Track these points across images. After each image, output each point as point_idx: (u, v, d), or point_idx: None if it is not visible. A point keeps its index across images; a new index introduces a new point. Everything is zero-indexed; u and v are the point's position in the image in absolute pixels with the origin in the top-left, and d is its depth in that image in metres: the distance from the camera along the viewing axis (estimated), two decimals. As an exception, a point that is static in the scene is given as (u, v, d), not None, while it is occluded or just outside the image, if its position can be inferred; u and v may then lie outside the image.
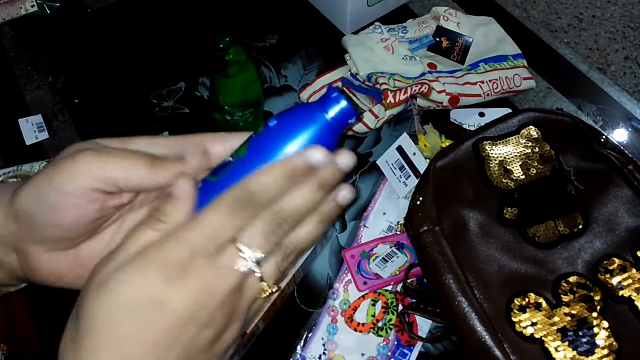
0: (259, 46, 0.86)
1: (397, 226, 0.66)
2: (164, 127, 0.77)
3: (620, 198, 0.57)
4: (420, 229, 0.55)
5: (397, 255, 0.63)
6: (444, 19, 0.79)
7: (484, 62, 0.78)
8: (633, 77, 1.79)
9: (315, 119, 0.34)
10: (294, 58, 0.85)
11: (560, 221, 0.56)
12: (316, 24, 0.89)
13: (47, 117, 0.79)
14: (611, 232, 0.56)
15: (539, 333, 0.50)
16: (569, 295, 0.52)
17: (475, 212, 0.57)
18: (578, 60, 0.84)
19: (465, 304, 0.51)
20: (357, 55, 0.75)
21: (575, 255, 0.55)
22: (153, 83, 0.82)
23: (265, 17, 0.90)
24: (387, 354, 0.58)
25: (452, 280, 0.52)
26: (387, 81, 0.71)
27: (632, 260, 0.54)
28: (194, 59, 0.84)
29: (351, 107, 0.34)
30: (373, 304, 0.61)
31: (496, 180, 0.58)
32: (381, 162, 0.69)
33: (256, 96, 0.73)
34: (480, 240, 0.56)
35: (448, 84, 0.74)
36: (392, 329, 0.59)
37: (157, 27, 0.89)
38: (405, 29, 0.81)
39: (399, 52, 0.77)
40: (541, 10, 1.95)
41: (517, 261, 0.55)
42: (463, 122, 0.75)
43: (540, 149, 0.59)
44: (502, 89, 0.76)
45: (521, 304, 0.52)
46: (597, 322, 0.51)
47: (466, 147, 0.60)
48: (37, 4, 0.90)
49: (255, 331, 0.58)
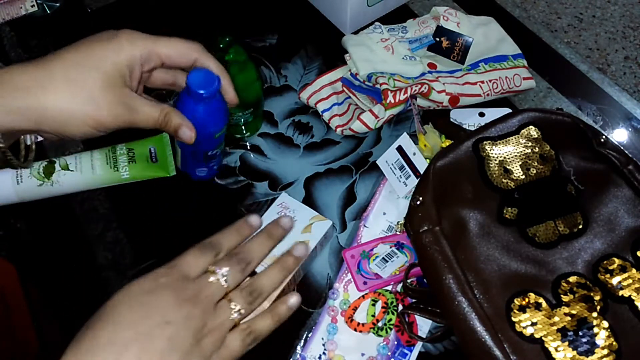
0: (259, 46, 0.86)
1: (397, 226, 0.66)
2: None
3: (620, 198, 0.57)
4: (420, 229, 0.55)
5: (397, 255, 0.63)
6: (444, 19, 0.79)
7: (484, 62, 0.78)
8: (633, 77, 1.79)
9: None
10: (294, 58, 0.85)
11: (560, 221, 0.56)
12: (316, 24, 0.89)
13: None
14: (611, 232, 0.56)
15: (539, 333, 0.50)
16: (569, 295, 0.53)
17: (475, 212, 0.57)
18: (578, 60, 0.84)
19: (465, 304, 0.51)
20: (357, 55, 0.75)
21: (575, 255, 0.55)
22: (153, 83, 0.82)
23: (265, 17, 0.90)
24: (387, 354, 0.58)
25: (452, 280, 0.52)
26: (387, 81, 0.71)
27: (632, 260, 0.54)
28: (194, 59, 0.84)
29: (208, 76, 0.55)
30: (373, 304, 0.61)
31: (496, 180, 0.58)
32: (381, 162, 0.69)
33: (256, 96, 0.73)
34: (480, 240, 0.56)
35: (448, 84, 0.74)
36: (392, 329, 0.59)
37: (157, 27, 0.88)
38: (405, 29, 0.81)
39: (399, 52, 0.77)
40: (541, 10, 1.95)
41: (517, 261, 0.55)
42: (463, 122, 0.75)
43: (540, 149, 0.59)
44: (502, 89, 0.76)
45: (521, 304, 0.52)
46: (597, 322, 0.51)
47: (466, 147, 0.60)
48: (37, 4, 0.90)
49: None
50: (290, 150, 0.75)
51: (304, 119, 0.78)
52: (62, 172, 0.66)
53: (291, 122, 0.78)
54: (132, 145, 0.70)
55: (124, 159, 0.68)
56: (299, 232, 0.63)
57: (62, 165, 0.67)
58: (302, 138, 0.76)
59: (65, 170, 0.67)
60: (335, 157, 0.75)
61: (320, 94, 0.78)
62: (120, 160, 0.68)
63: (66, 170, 0.67)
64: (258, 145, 0.76)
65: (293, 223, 0.50)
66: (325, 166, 0.74)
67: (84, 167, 0.67)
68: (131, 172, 0.68)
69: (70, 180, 0.67)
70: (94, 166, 0.67)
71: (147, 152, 0.70)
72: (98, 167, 0.67)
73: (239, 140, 0.75)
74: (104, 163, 0.68)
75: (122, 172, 0.68)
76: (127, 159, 0.68)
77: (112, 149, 0.69)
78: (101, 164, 0.68)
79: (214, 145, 0.63)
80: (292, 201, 0.65)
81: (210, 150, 0.63)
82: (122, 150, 0.69)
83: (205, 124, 0.57)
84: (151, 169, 0.69)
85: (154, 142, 0.71)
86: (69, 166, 0.67)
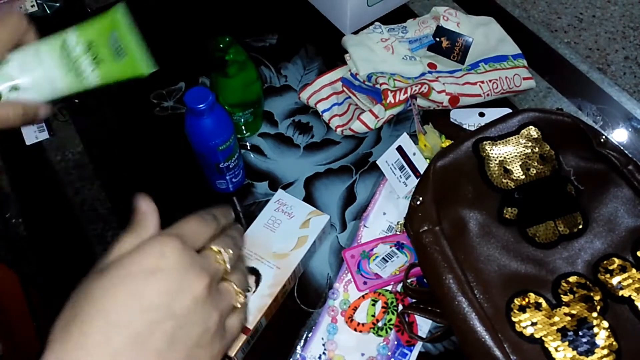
0: (259, 46, 0.86)
1: (397, 226, 0.66)
2: (163, 127, 0.78)
3: (620, 198, 0.57)
4: (420, 229, 0.55)
5: (397, 255, 0.63)
6: (444, 19, 0.79)
7: (484, 62, 0.78)
8: (633, 77, 1.79)
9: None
10: (294, 58, 0.85)
11: (560, 221, 0.56)
12: (316, 24, 0.89)
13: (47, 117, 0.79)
14: (611, 232, 0.56)
15: (539, 333, 0.50)
16: (569, 295, 0.52)
17: (475, 212, 0.57)
18: (578, 60, 0.84)
19: (465, 304, 0.51)
20: (357, 55, 0.75)
21: (575, 255, 0.55)
22: (153, 83, 0.82)
23: (265, 17, 0.90)
24: (387, 354, 0.58)
25: (452, 280, 0.52)
26: (387, 81, 0.71)
27: (632, 260, 0.54)
28: (194, 59, 0.84)
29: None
30: (373, 304, 0.61)
31: (496, 180, 0.58)
32: (381, 162, 0.69)
33: (256, 96, 0.73)
34: (480, 240, 0.56)
35: (448, 84, 0.74)
36: (392, 329, 0.59)
37: (157, 27, 0.89)
38: (405, 29, 0.81)
39: (399, 52, 0.77)
40: (541, 10, 1.95)
41: (517, 261, 0.55)
42: (463, 122, 0.75)
43: (540, 149, 0.59)
44: (502, 89, 0.76)
45: (521, 304, 0.52)
46: (597, 322, 0.51)
47: (466, 147, 0.60)
48: (37, 4, 0.90)
49: (258, 327, 0.58)
50: (290, 150, 0.75)
51: (304, 119, 0.78)
52: (12, 93, 0.49)
53: (291, 122, 0.78)
54: (86, 33, 0.50)
55: (86, 60, 0.50)
56: (297, 228, 0.63)
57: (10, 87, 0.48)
58: (302, 138, 0.76)
59: (16, 91, 0.49)
60: (335, 157, 0.75)
61: (320, 94, 0.78)
62: (82, 63, 0.50)
63: (16, 91, 0.49)
64: (258, 145, 0.76)
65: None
66: (325, 166, 0.74)
67: (38, 81, 0.50)
68: (101, 75, 0.51)
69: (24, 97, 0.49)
70: (50, 78, 0.50)
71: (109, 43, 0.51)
72: (57, 79, 0.50)
73: (239, 140, 0.75)
74: (61, 67, 0.50)
75: (89, 76, 0.50)
76: (90, 58, 0.50)
77: (63, 44, 0.50)
78: (59, 73, 0.50)
79: (222, 158, 0.64)
80: (289, 198, 0.65)
81: (220, 163, 0.65)
82: (77, 43, 0.50)
83: (206, 136, 0.61)
84: (120, 67, 0.52)
85: (109, 25, 0.51)
86: (19, 86, 0.49)
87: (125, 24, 0.51)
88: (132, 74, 0.52)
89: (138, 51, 0.51)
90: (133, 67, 0.52)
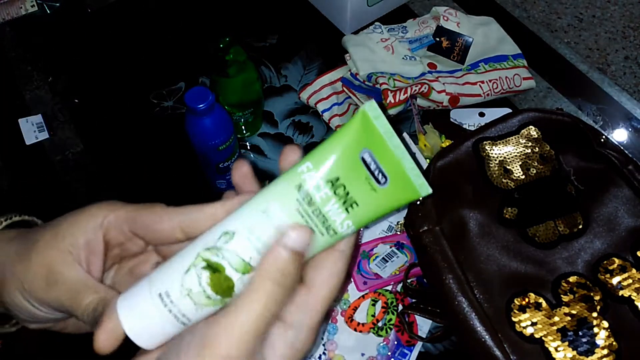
0: (259, 46, 0.86)
1: (397, 226, 0.66)
2: (163, 127, 0.77)
3: (620, 198, 0.57)
4: (420, 229, 0.55)
5: (397, 255, 0.63)
6: (444, 19, 0.79)
7: (484, 62, 0.78)
8: (633, 77, 1.79)
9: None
10: (294, 58, 0.85)
11: (560, 221, 0.56)
12: (316, 24, 0.89)
13: (47, 117, 0.79)
14: (611, 232, 0.56)
15: (539, 333, 0.50)
16: (569, 295, 0.52)
17: (475, 212, 0.57)
18: (578, 60, 0.84)
19: (465, 304, 0.51)
20: (357, 55, 0.75)
21: (575, 255, 0.55)
22: (153, 83, 0.82)
23: (265, 17, 0.90)
24: (387, 354, 0.58)
25: (452, 280, 0.52)
26: (387, 81, 0.71)
27: (632, 260, 0.54)
28: (194, 59, 0.84)
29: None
30: (373, 304, 0.61)
31: (496, 180, 0.58)
32: (381, 162, 0.69)
33: (256, 96, 0.73)
34: (480, 240, 0.56)
35: (448, 84, 0.74)
36: (392, 329, 0.59)
37: (157, 27, 0.89)
38: (405, 29, 0.81)
39: (399, 52, 0.77)
40: (541, 10, 1.95)
41: (517, 261, 0.55)
42: (463, 122, 0.75)
43: (540, 149, 0.59)
44: (502, 89, 0.76)
45: (521, 304, 0.52)
46: (597, 322, 0.51)
47: (466, 147, 0.60)
48: (37, 4, 0.90)
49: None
50: (290, 150, 0.75)
51: (304, 119, 0.78)
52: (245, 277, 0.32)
53: (291, 122, 0.78)
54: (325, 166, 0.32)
55: (333, 206, 0.32)
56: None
57: None
58: (302, 138, 0.76)
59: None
60: (335, 157, 0.74)
61: (320, 94, 0.78)
62: (329, 212, 0.32)
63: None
64: (258, 145, 0.76)
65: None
66: (325, 166, 0.73)
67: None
68: (356, 221, 0.32)
69: None
70: None
71: None
72: None
73: (239, 140, 0.75)
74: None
75: (338, 227, 0.32)
76: (339, 203, 0.32)
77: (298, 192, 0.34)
78: None
79: (222, 158, 0.64)
80: None
81: (220, 163, 0.65)
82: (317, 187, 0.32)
83: (206, 136, 0.61)
84: (381, 199, 0.33)
85: (357, 139, 0.32)
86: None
87: (381, 129, 0.31)
88: (398, 205, 0.33)
89: (406, 169, 0.31)
90: (401, 194, 0.33)
